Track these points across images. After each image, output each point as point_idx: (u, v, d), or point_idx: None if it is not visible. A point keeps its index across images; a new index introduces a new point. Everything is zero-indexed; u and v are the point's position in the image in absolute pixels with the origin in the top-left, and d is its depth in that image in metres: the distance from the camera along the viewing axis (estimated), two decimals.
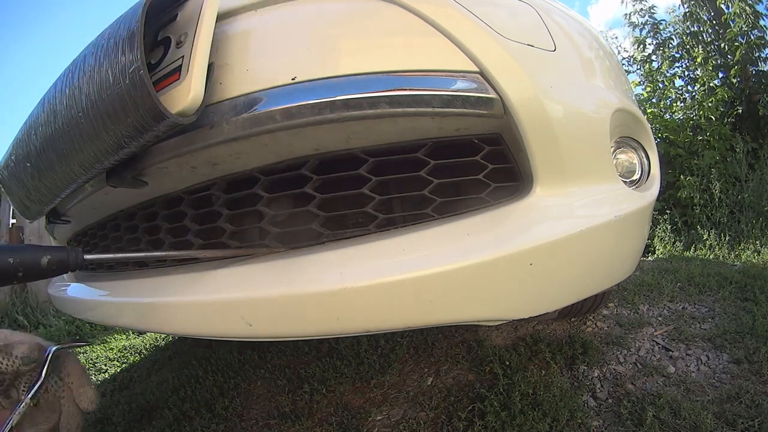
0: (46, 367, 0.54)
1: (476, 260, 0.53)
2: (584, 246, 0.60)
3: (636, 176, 0.80)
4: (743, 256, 2.20)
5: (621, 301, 1.47)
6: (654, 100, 4.35)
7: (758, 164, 3.17)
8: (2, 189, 0.86)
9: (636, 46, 5.48)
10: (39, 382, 0.53)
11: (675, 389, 0.93)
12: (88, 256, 0.45)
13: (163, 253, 0.53)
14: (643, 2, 5.56)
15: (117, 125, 0.49)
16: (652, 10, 5.52)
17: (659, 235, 2.88)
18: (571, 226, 0.59)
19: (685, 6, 5.13)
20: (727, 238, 2.52)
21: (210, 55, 0.51)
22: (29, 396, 0.52)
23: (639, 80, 4.78)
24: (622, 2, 5.69)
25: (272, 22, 0.58)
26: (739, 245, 2.41)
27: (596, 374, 1.03)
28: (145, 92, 0.46)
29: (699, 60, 4.44)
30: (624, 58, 5.33)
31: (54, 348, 0.56)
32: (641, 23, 5.57)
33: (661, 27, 5.44)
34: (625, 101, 0.75)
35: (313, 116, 0.51)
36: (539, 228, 0.57)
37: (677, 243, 2.77)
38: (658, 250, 2.77)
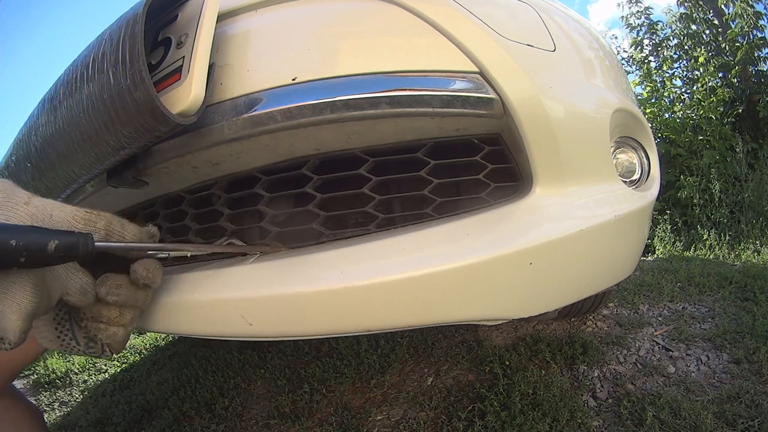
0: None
1: (476, 260, 0.53)
2: (584, 246, 0.61)
3: (636, 176, 0.80)
4: (743, 256, 2.20)
5: (621, 301, 1.47)
6: (653, 100, 4.35)
7: (758, 164, 3.17)
8: None
9: (634, 47, 5.50)
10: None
11: (675, 389, 0.93)
12: (99, 244, 0.43)
13: (172, 245, 0.54)
14: (639, 4, 5.59)
15: (118, 126, 0.49)
16: (648, 11, 5.54)
17: (659, 235, 2.88)
18: (571, 225, 0.59)
19: (683, 7, 5.15)
20: (727, 238, 2.52)
21: (211, 55, 0.52)
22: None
23: (638, 80, 4.78)
24: (619, 5, 5.72)
25: (273, 22, 0.58)
26: (739, 245, 2.41)
27: (596, 374, 1.03)
28: (146, 93, 0.46)
29: (701, 60, 4.44)
30: (623, 58, 5.35)
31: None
32: (638, 25, 5.60)
33: (657, 27, 5.46)
34: (625, 101, 0.75)
35: (314, 117, 0.51)
36: (539, 228, 0.57)
37: (677, 243, 2.77)
38: (658, 250, 2.77)
